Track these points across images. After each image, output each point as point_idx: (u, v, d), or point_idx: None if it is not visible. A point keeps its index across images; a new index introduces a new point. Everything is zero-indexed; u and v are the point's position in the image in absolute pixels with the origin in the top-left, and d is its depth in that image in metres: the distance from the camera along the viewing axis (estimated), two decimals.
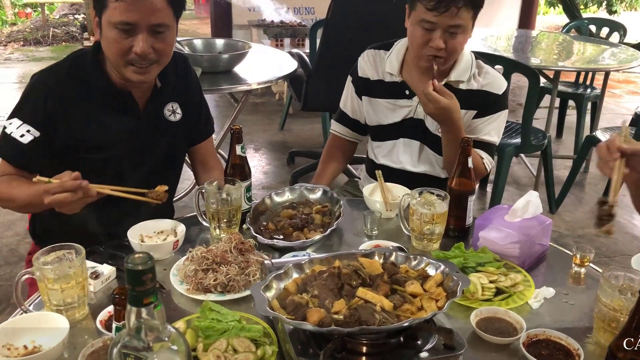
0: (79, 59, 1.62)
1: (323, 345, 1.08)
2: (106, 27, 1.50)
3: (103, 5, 1.49)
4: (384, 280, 1.18)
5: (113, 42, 1.50)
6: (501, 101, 1.91)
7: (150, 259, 0.77)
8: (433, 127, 1.93)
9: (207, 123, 1.88)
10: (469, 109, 1.89)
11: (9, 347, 1.12)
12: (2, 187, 1.57)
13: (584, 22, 5.41)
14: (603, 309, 1.20)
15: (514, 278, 1.38)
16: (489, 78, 1.90)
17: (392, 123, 1.98)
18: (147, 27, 1.49)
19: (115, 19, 1.47)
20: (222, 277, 1.34)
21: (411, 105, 1.93)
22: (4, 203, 1.60)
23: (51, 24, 9.08)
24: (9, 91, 6.19)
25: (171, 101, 1.73)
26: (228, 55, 3.18)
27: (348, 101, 2.08)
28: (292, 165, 4.37)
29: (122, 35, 1.49)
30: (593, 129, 4.40)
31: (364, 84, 2.01)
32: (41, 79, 1.59)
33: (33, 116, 1.56)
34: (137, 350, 0.79)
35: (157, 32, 1.51)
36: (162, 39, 1.53)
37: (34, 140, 1.55)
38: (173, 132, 1.74)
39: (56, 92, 1.56)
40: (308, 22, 5.66)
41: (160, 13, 1.49)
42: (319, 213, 1.68)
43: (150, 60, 1.53)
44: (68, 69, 1.60)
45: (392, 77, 1.95)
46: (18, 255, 3.13)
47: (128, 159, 1.67)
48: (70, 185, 1.35)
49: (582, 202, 4.01)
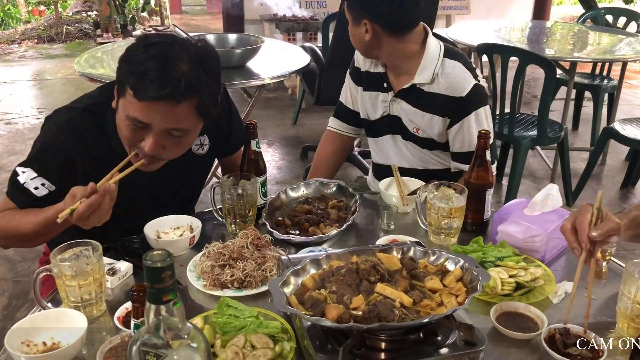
0: (97, 107, 1.49)
1: (342, 341, 1.07)
2: (121, 110, 1.38)
3: (123, 91, 1.36)
4: (403, 275, 1.16)
5: (124, 129, 1.40)
6: (468, 103, 1.77)
7: (169, 256, 0.77)
8: (409, 126, 1.89)
9: (238, 135, 1.74)
10: (436, 115, 1.82)
11: (28, 344, 1.13)
12: (2, 223, 1.48)
13: (600, 12, 5.33)
14: (627, 303, 1.17)
15: (534, 272, 1.35)
16: (450, 80, 1.77)
17: (376, 119, 1.96)
18: (161, 130, 1.37)
19: (129, 113, 1.35)
20: (239, 273, 1.33)
21: (386, 100, 1.91)
22: (6, 241, 1.52)
23: (64, 21, 9.13)
24: (24, 88, 6.25)
25: (199, 135, 1.61)
26: (241, 50, 3.17)
27: (347, 92, 2.07)
28: (305, 160, 4.36)
29: (133, 128, 1.37)
30: (610, 120, 4.34)
31: (357, 73, 2.00)
32: (60, 132, 1.48)
33: (49, 171, 1.47)
34: (157, 348, 0.78)
35: (173, 135, 1.39)
36: (177, 141, 1.41)
37: (49, 193, 1.46)
38: (201, 165, 1.71)
39: (76, 149, 1.47)
40: (320, 15, 5.63)
41: (182, 120, 1.36)
42: (335, 208, 1.67)
43: (158, 158, 1.43)
44: (88, 124, 1.48)
45: (377, 66, 1.92)
46: (35, 252, 3.15)
47: (155, 200, 1.60)
48: (97, 200, 1.27)
49: None
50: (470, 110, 1.79)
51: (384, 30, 1.76)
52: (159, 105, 1.32)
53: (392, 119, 1.92)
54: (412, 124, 1.88)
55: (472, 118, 1.79)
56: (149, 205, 1.58)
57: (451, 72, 1.78)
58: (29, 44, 8.35)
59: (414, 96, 1.84)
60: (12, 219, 1.47)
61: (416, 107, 1.85)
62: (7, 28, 9.14)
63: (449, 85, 1.78)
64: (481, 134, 1.55)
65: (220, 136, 1.72)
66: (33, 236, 1.48)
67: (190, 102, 1.35)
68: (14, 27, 9.21)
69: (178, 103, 1.33)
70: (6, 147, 4.62)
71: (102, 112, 1.50)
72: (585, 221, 1.18)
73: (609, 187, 4.07)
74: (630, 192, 3.99)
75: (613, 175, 4.23)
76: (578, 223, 1.20)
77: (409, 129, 1.90)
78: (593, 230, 1.17)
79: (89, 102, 1.53)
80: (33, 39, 8.54)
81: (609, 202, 3.84)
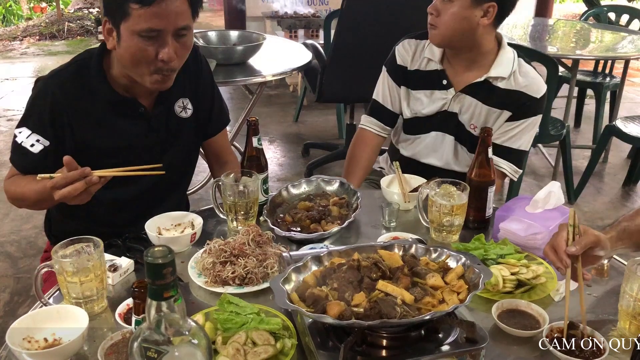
0: (84, 62, 1.57)
1: (343, 338, 1.07)
2: (128, 36, 1.43)
3: (124, 14, 1.41)
4: (404, 272, 1.16)
5: (137, 51, 1.44)
6: (538, 105, 1.83)
7: (170, 252, 0.76)
8: (467, 123, 1.89)
9: (220, 115, 1.83)
10: (504, 110, 1.83)
11: (29, 340, 1.13)
12: (13, 187, 1.57)
13: (603, 9, 5.31)
14: (629, 301, 1.17)
15: (536, 270, 1.35)
16: (529, 79, 1.82)
17: (428, 115, 1.94)
18: (172, 32, 1.44)
19: (141, 27, 1.40)
20: (240, 270, 1.33)
21: (446, 97, 1.89)
22: (18, 202, 1.59)
23: (66, 18, 9.12)
24: (25, 85, 6.24)
25: (181, 97, 1.69)
26: (243, 47, 3.16)
27: (386, 91, 2.00)
28: (307, 157, 4.36)
29: (147, 42, 1.43)
30: (612, 118, 4.33)
31: (403, 72, 1.95)
32: (46, 85, 1.56)
33: (41, 125, 1.53)
34: (158, 344, 0.78)
35: (180, 35, 1.46)
36: (183, 42, 1.48)
37: (44, 149, 1.52)
38: (185, 129, 1.72)
39: (61, 100, 1.53)
40: (322, 12, 5.62)
41: (183, 15, 1.44)
42: (336, 205, 1.66)
43: (172, 68, 1.49)
44: (73, 75, 1.56)
45: (430, 63, 1.90)
46: (37, 248, 3.16)
47: (141, 161, 1.62)
48: (73, 175, 1.33)
49: (601, 192, 3.95)
50: (538, 112, 1.84)
51: (497, 16, 1.75)
52: (163, 4, 1.39)
53: (449, 114, 1.90)
54: (471, 120, 1.88)
55: (536, 120, 1.85)
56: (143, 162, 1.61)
57: (529, 72, 1.83)
58: (30, 41, 8.35)
59: (485, 91, 1.84)
60: (19, 184, 1.55)
61: (484, 103, 1.85)
62: (9, 25, 9.14)
63: (528, 84, 1.81)
64: (484, 130, 1.54)
65: (202, 104, 1.75)
66: (36, 202, 1.54)
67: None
68: (15, 24, 9.21)
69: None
70: (7, 144, 4.61)
71: (87, 66, 1.56)
72: (561, 240, 1.23)
73: (611, 185, 4.06)
74: (632, 189, 3.98)
75: (615, 173, 4.22)
76: (555, 243, 1.23)
77: (466, 125, 1.89)
78: (571, 246, 1.21)
79: (73, 59, 1.61)
80: (35, 35, 8.54)
81: (611, 200, 3.84)
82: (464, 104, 1.88)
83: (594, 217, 3.58)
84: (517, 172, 1.89)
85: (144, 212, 1.54)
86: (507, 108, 1.83)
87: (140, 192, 1.66)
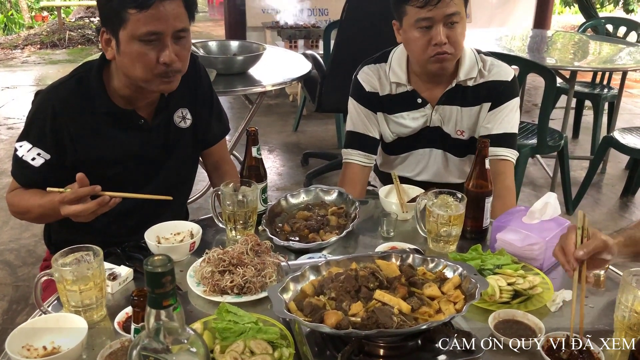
0: (84, 75, 1.58)
1: (340, 348, 1.08)
2: (127, 42, 1.45)
3: (122, 21, 1.43)
4: (402, 282, 1.17)
5: (138, 57, 1.45)
6: (512, 87, 1.88)
7: (170, 261, 0.77)
8: (452, 132, 1.91)
9: (219, 124, 1.84)
10: (483, 103, 1.88)
11: (29, 348, 1.13)
12: (16, 200, 1.58)
13: (601, 22, 5.36)
14: (624, 312, 1.18)
15: (532, 280, 1.36)
16: (495, 68, 1.88)
17: (410, 135, 1.95)
18: (171, 35, 1.46)
19: (140, 31, 1.42)
20: (239, 279, 1.34)
21: (425, 113, 1.91)
22: (21, 215, 1.61)
23: (67, 27, 9.17)
24: (26, 94, 6.26)
25: (180, 107, 1.70)
26: (243, 57, 3.18)
27: (363, 120, 1.95)
28: (306, 166, 4.37)
29: (147, 47, 1.44)
30: (610, 129, 4.35)
31: (376, 98, 1.93)
32: (45, 99, 1.56)
33: (41, 139, 1.54)
34: (157, 352, 0.79)
35: (179, 37, 1.48)
36: (183, 44, 1.50)
37: (45, 163, 1.54)
38: (185, 139, 1.73)
39: (61, 113, 1.54)
40: (322, 23, 5.65)
41: (180, 18, 1.46)
42: (335, 215, 1.67)
43: (175, 69, 1.50)
44: (72, 88, 1.56)
45: (399, 87, 1.91)
46: (36, 257, 3.17)
47: (141, 172, 1.66)
48: (84, 192, 1.36)
49: (599, 203, 3.96)
50: (514, 94, 1.89)
51: None
52: (161, 7, 1.42)
53: (432, 130, 1.93)
54: (456, 128, 1.91)
55: (513, 102, 1.88)
56: (142, 173, 1.66)
57: (494, 62, 1.90)
58: (31, 50, 8.39)
59: (460, 95, 1.87)
60: (22, 198, 1.56)
61: (462, 106, 1.88)
62: (10, 33, 9.19)
63: (496, 72, 1.88)
64: (480, 142, 1.56)
65: (201, 114, 1.76)
66: (40, 216, 1.56)
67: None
68: (17, 32, 9.26)
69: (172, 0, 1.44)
70: (7, 152, 4.63)
71: (86, 78, 1.57)
72: (570, 242, 1.23)
73: (608, 196, 4.07)
74: (630, 200, 3.99)
75: (613, 184, 4.23)
76: (564, 244, 1.24)
77: (452, 135, 1.92)
78: (579, 249, 1.21)
79: (73, 72, 1.62)
80: (36, 44, 8.58)
81: (609, 211, 3.85)
82: (444, 115, 1.90)
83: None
84: (516, 154, 1.92)
85: (144, 222, 1.55)
86: (485, 100, 1.88)
87: (140, 203, 1.67)
